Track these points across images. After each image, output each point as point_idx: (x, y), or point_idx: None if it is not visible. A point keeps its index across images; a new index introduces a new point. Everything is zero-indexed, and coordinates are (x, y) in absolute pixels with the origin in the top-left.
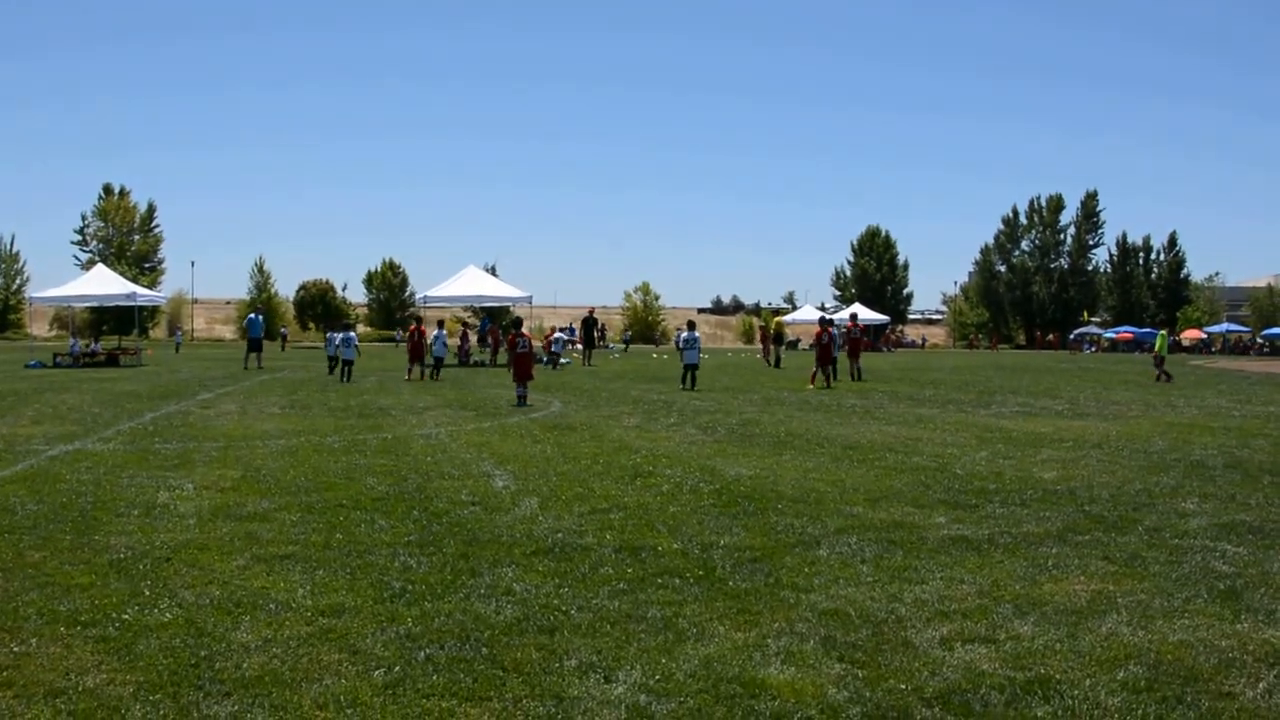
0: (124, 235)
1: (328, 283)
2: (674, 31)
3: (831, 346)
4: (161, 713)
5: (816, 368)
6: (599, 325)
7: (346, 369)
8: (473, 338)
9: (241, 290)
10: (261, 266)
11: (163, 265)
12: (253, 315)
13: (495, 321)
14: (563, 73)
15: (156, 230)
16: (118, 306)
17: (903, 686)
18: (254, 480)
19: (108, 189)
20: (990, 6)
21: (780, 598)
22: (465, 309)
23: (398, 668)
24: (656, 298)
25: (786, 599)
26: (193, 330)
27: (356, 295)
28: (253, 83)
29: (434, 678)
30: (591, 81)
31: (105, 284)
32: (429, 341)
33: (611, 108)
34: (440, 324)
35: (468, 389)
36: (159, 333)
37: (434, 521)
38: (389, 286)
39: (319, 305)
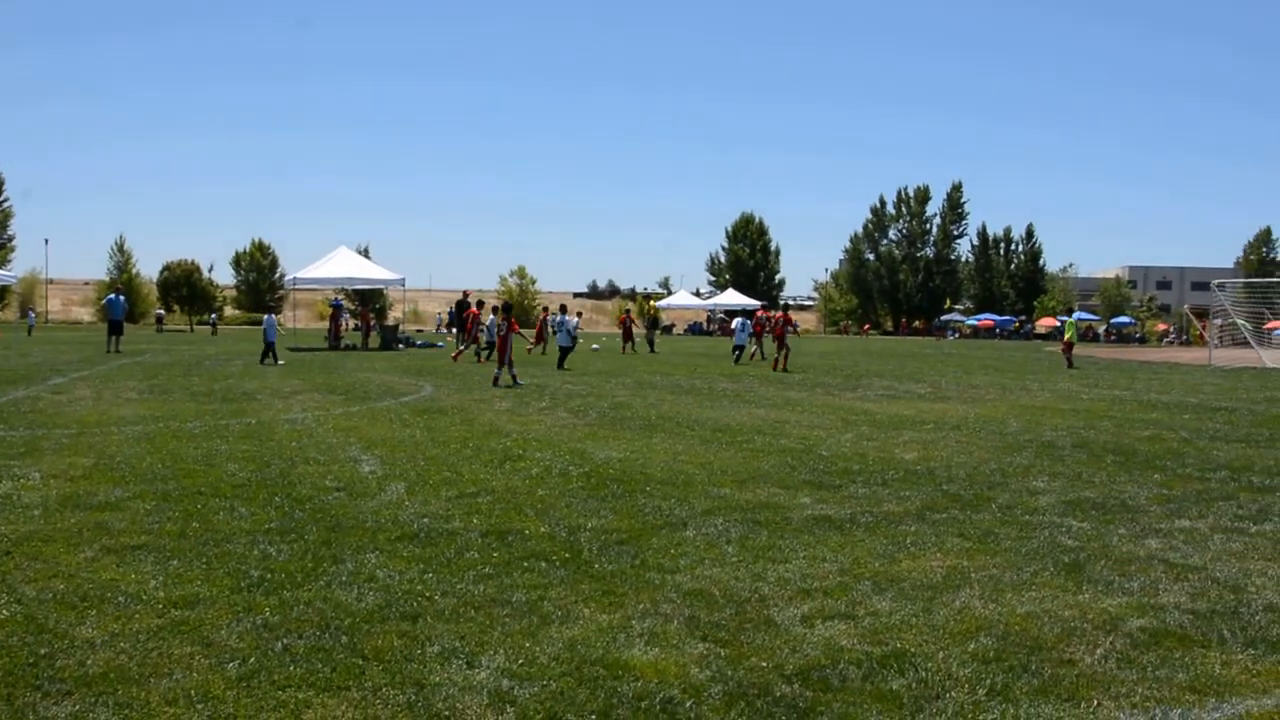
0: None
1: (193, 263)
2: (548, 15)
3: (785, 332)
4: None
5: (778, 353)
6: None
7: (269, 351)
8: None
9: (101, 270)
10: (122, 246)
11: (12, 242)
12: (113, 296)
13: (368, 305)
14: (434, 55)
15: (5, 205)
16: None
17: (764, 664)
18: (107, 468)
19: None
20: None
21: (646, 579)
22: (337, 291)
23: (253, 659)
24: (533, 281)
25: (652, 580)
26: (47, 312)
27: (224, 276)
28: (109, 51)
29: (291, 668)
30: (463, 64)
31: None
32: (484, 324)
33: (485, 91)
34: (494, 309)
35: (336, 373)
36: (9, 314)
37: (297, 508)
38: (258, 268)
39: (184, 286)
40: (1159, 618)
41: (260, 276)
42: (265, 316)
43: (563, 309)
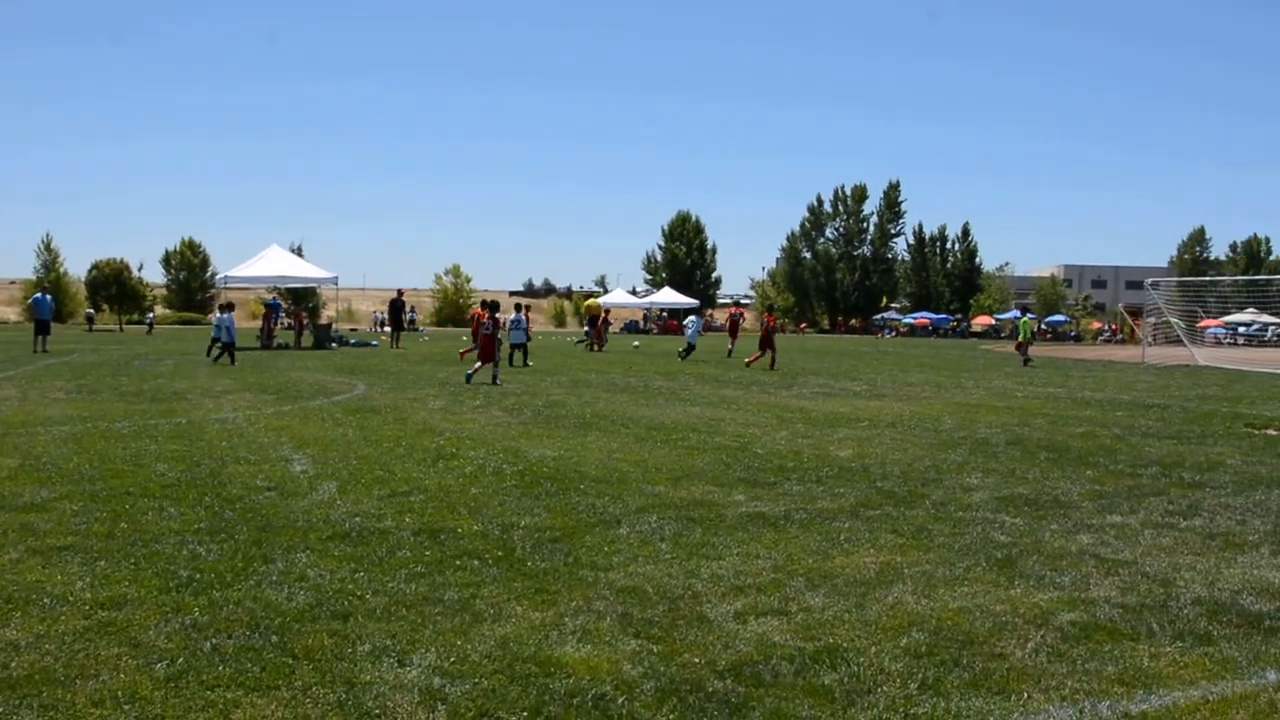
0: None
1: (122, 262)
2: (480, 16)
3: (770, 333)
4: None
5: (760, 351)
6: (408, 307)
7: (225, 350)
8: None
9: (27, 269)
10: (49, 244)
11: None
12: (39, 295)
13: (300, 304)
14: (365, 56)
15: None
16: None
17: (697, 660)
18: (33, 469)
19: None
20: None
21: (579, 577)
22: (271, 290)
23: (181, 659)
24: (468, 280)
25: (585, 578)
26: None
27: (154, 275)
28: (34, 55)
29: (220, 668)
30: (393, 65)
31: None
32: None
33: (416, 92)
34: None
35: (269, 372)
36: None
37: (227, 508)
38: (189, 266)
39: (113, 285)
40: (1089, 612)
41: (191, 275)
42: (225, 315)
43: (517, 307)
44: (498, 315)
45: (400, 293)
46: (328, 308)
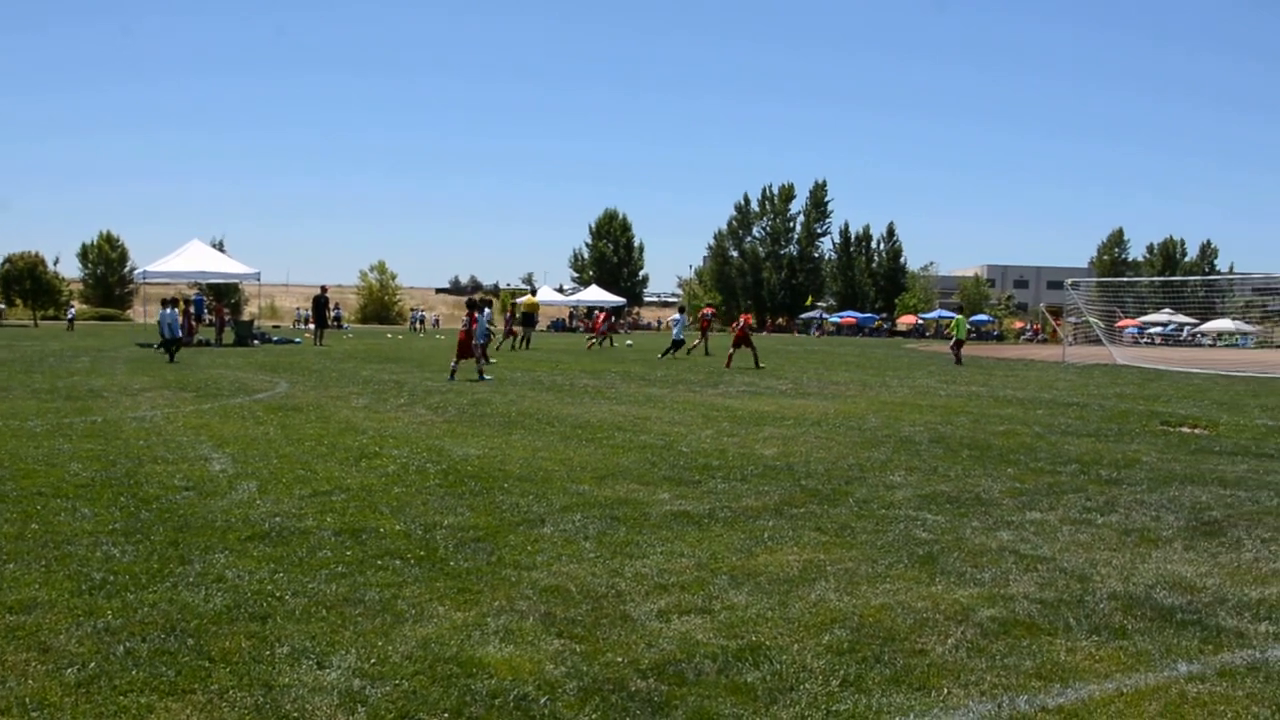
0: None
1: (37, 256)
2: (406, 8)
3: (747, 332)
4: None
5: (735, 349)
6: (332, 304)
7: (170, 346)
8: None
9: None
10: None
11: None
12: None
13: (221, 300)
14: (284, 48)
15: None
16: None
17: (619, 659)
18: None
19: None
20: None
21: (502, 576)
22: (191, 285)
23: (93, 664)
24: (393, 277)
25: (508, 577)
26: None
27: (70, 270)
28: None
29: (133, 672)
30: (316, 59)
31: None
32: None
33: (338, 85)
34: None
35: (189, 369)
36: None
37: (143, 508)
38: (106, 261)
39: (27, 280)
40: (1008, 607)
41: (109, 270)
42: (169, 311)
43: (485, 302)
44: (474, 314)
45: (324, 289)
46: (250, 304)
